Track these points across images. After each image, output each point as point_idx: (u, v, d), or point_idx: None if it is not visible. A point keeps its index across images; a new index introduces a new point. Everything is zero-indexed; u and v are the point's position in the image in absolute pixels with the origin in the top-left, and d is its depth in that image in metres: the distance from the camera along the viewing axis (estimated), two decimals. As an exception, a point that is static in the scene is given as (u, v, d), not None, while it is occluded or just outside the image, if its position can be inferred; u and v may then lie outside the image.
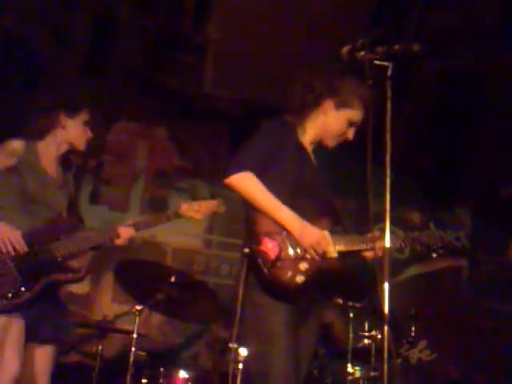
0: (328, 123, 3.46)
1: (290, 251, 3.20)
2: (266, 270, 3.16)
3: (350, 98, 3.42)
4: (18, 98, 5.53)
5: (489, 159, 6.44)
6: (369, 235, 3.20)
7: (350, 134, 3.40)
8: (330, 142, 3.47)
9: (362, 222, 3.05)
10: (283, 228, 3.22)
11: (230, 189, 3.28)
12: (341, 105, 3.43)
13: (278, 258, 3.18)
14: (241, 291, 4.04)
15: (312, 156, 3.50)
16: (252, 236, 3.25)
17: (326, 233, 3.23)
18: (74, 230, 3.90)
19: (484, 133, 6.40)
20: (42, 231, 3.77)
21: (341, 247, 3.23)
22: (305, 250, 3.19)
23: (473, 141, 6.51)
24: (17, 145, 3.85)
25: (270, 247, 3.18)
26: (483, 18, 5.25)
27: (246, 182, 3.25)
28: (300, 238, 3.20)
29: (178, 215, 4.08)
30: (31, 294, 3.62)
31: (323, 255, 3.19)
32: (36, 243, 3.72)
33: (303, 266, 3.19)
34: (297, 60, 5.47)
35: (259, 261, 3.17)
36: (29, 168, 3.84)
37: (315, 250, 3.17)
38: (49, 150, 3.95)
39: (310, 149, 3.50)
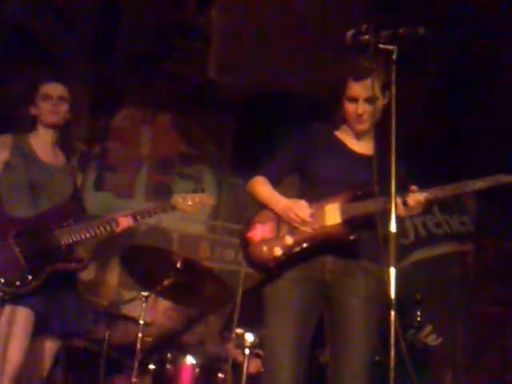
0: (343, 110, 3.47)
1: (279, 231, 3.36)
2: (243, 253, 3.43)
3: (343, 77, 3.42)
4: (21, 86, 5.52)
5: (495, 142, 6.42)
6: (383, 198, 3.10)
7: (359, 109, 3.38)
8: (354, 126, 3.46)
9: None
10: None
11: (248, 194, 3.57)
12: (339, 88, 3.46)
13: (263, 239, 3.36)
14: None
15: (352, 144, 3.51)
16: (247, 224, 3.45)
17: (303, 202, 3.31)
18: (76, 218, 3.92)
19: (492, 116, 6.38)
20: (46, 217, 3.78)
21: (347, 213, 3.26)
22: (289, 224, 3.32)
23: (479, 124, 6.48)
24: (7, 138, 3.89)
25: (258, 232, 3.39)
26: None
27: (252, 184, 3.52)
28: (282, 215, 3.34)
29: (173, 207, 4.10)
30: (37, 282, 3.63)
31: (307, 222, 3.27)
32: (40, 229, 3.73)
33: (288, 239, 3.31)
34: (302, 45, 5.46)
35: (242, 247, 3.43)
36: (28, 159, 3.86)
37: (292, 218, 3.28)
38: (39, 140, 3.97)
39: (348, 139, 3.52)
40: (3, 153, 3.84)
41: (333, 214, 3.29)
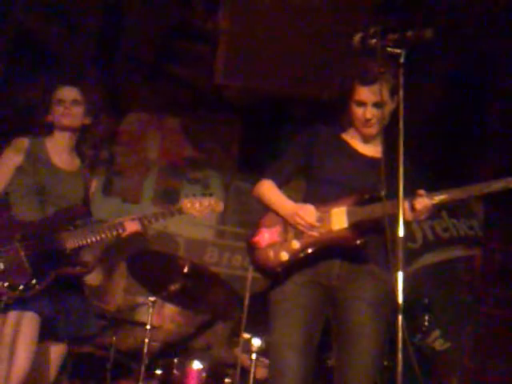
0: (351, 114, 3.46)
1: (286, 235, 3.33)
2: (249, 258, 3.42)
3: (351, 81, 3.41)
4: (28, 91, 5.54)
5: (503, 146, 6.40)
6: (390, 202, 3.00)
7: (368, 113, 3.37)
8: (361, 130, 3.45)
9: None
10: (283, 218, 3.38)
11: (254, 198, 3.54)
12: (347, 92, 3.44)
13: (270, 244, 3.34)
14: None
15: (359, 147, 3.49)
16: (253, 229, 3.43)
17: (310, 206, 3.29)
18: (82, 222, 3.92)
19: (498, 120, 6.36)
20: (51, 221, 3.78)
21: (354, 218, 3.25)
22: (296, 228, 3.30)
23: (486, 128, 6.47)
24: (23, 142, 3.90)
25: (265, 236, 3.36)
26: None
27: (259, 187, 3.49)
28: (289, 219, 3.32)
29: (180, 211, 4.07)
30: (42, 286, 3.63)
31: (313, 226, 3.26)
32: (46, 233, 3.73)
33: (295, 244, 3.29)
34: (308, 49, 5.45)
35: (248, 251, 3.41)
36: (39, 162, 3.87)
37: (299, 223, 3.26)
38: (55, 144, 3.98)
39: (355, 142, 3.50)
40: (17, 157, 3.85)
41: (339, 218, 3.28)
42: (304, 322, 3.29)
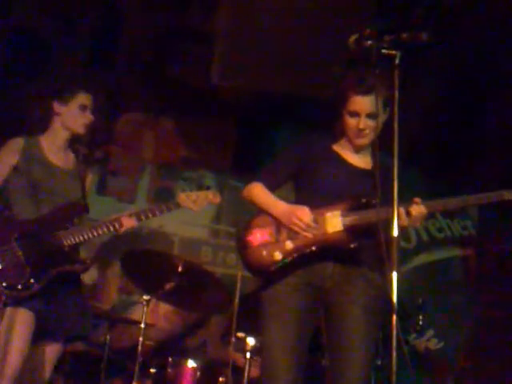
0: (343, 124, 3.46)
1: (279, 235, 3.35)
2: (240, 257, 3.41)
3: (346, 91, 3.41)
4: (26, 89, 5.53)
5: (501, 147, 6.42)
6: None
7: (361, 123, 3.37)
8: (354, 140, 3.46)
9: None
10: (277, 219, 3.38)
11: (245, 199, 3.55)
12: (340, 102, 3.44)
13: (262, 243, 3.35)
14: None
15: (350, 158, 3.50)
16: (245, 228, 3.44)
17: (306, 208, 3.30)
18: (78, 219, 3.91)
19: (496, 121, 6.38)
20: (48, 219, 3.78)
21: (349, 221, 3.26)
22: (290, 229, 3.30)
23: (483, 129, 6.49)
24: (18, 142, 3.89)
25: (257, 236, 3.38)
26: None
27: (251, 189, 3.50)
28: (283, 220, 3.33)
29: (177, 205, 4.05)
30: (40, 285, 3.62)
31: (309, 227, 3.27)
32: (43, 231, 3.73)
33: (288, 244, 3.31)
34: (305, 50, 5.46)
35: (239, 250, 3.42)
36: (34, 161, 3.87)
37: (294, 223, 3.27)
38: (52, 141, 3.97)
39: (346, 153, 3.51)
40: (13, 157, 3.84)
41: (334, 222, 3.29)
42: (295, 323, 3.31)
